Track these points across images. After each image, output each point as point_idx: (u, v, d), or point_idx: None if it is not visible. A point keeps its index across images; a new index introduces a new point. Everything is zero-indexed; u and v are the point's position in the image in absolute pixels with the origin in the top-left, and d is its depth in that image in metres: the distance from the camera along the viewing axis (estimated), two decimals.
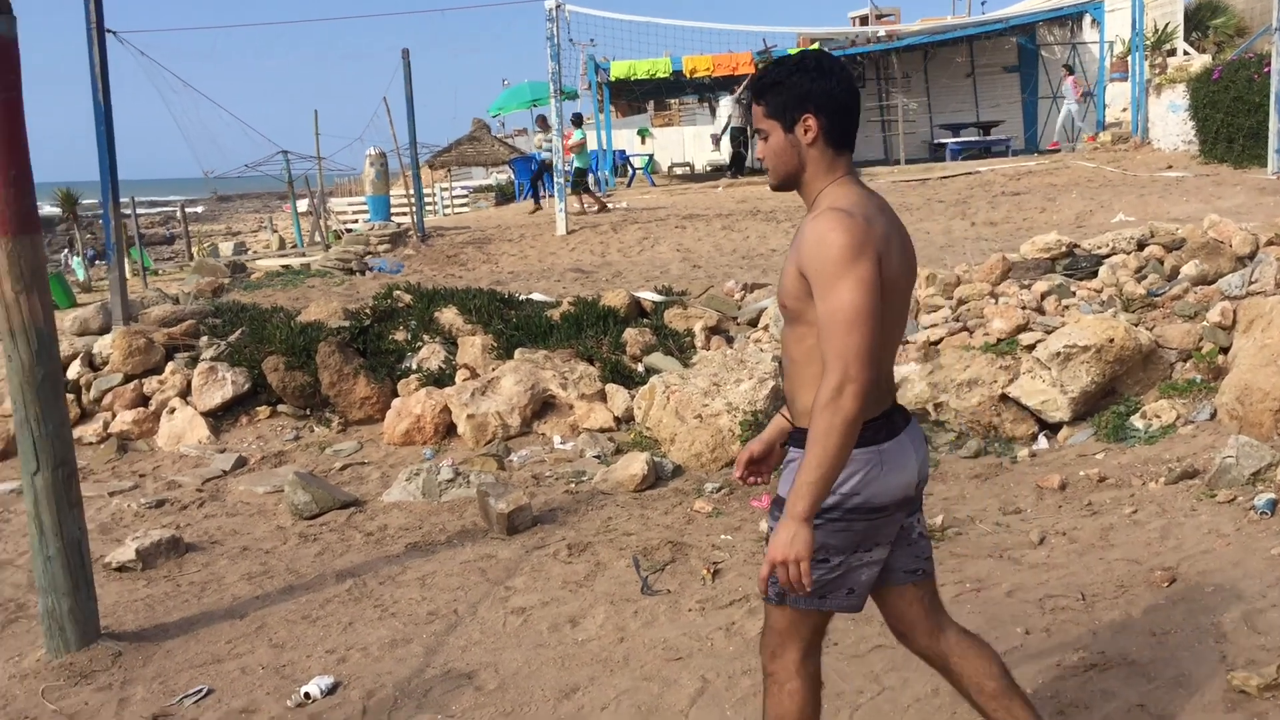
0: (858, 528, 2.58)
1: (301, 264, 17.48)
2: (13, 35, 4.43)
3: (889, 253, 2.49)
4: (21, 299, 4.51)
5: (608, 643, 4.46)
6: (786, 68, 2.60)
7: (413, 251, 15.97)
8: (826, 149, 2.58)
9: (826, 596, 2.63)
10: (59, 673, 4.55)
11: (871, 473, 2.55)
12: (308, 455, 7.85)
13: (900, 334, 2.72)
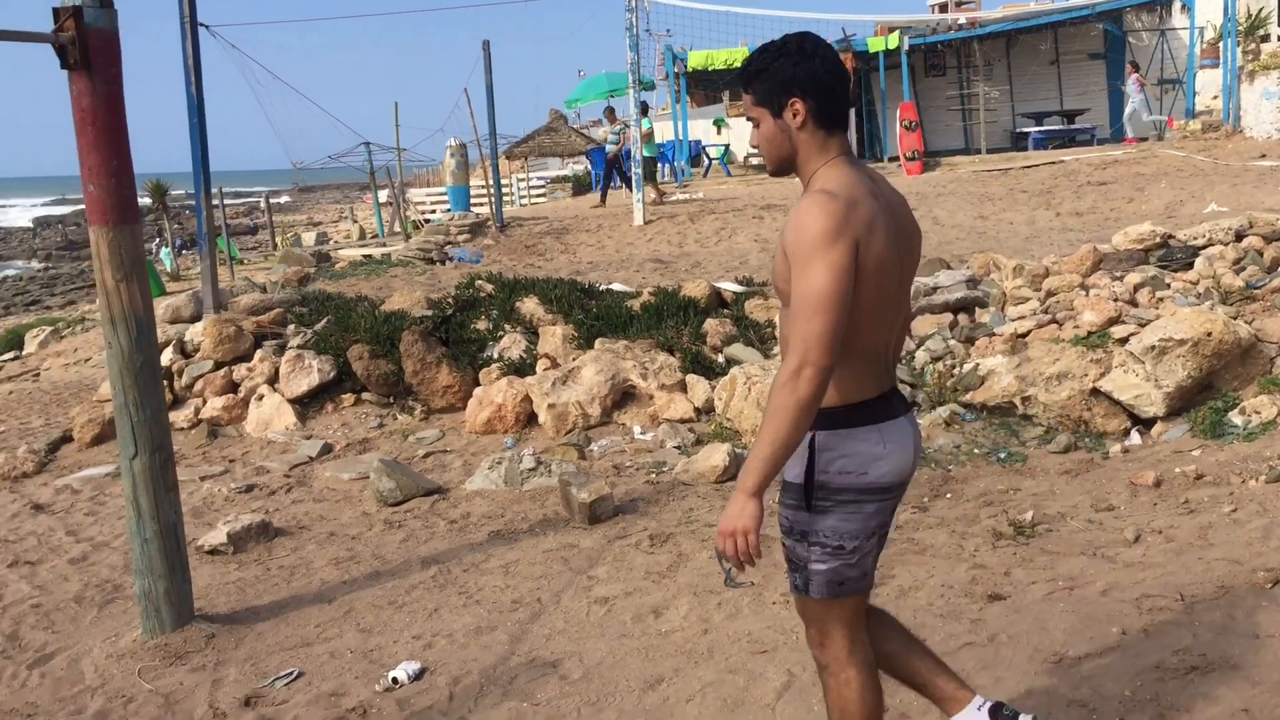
0: (869, 509, 2.59)
1: (382, 254, 17.70)
2: (114, 29, 4.53)
3: (872, 236, 2.46)
4: (122, 287, 4.61)
5: (692, 634, 4.44)
6: (770, 54, 2.59)
7: (492, 241, 16.10)
8: (817, 131, 2.58)
9: (845, 584, 2.63)
10: (155, 653, 4.66)
11: (876, 450, 2.56)
12: (391, 443, 7.95)
13: (896, 315, 2.66)
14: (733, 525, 2.46)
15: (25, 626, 5.09)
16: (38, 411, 11.22)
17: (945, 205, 15.56)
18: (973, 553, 4.95)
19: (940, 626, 4.18)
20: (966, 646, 4.00)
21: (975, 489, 5.86)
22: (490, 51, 16.49)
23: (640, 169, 16.65)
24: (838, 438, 2.55)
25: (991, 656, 3.85)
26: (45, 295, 37.70)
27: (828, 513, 2.54)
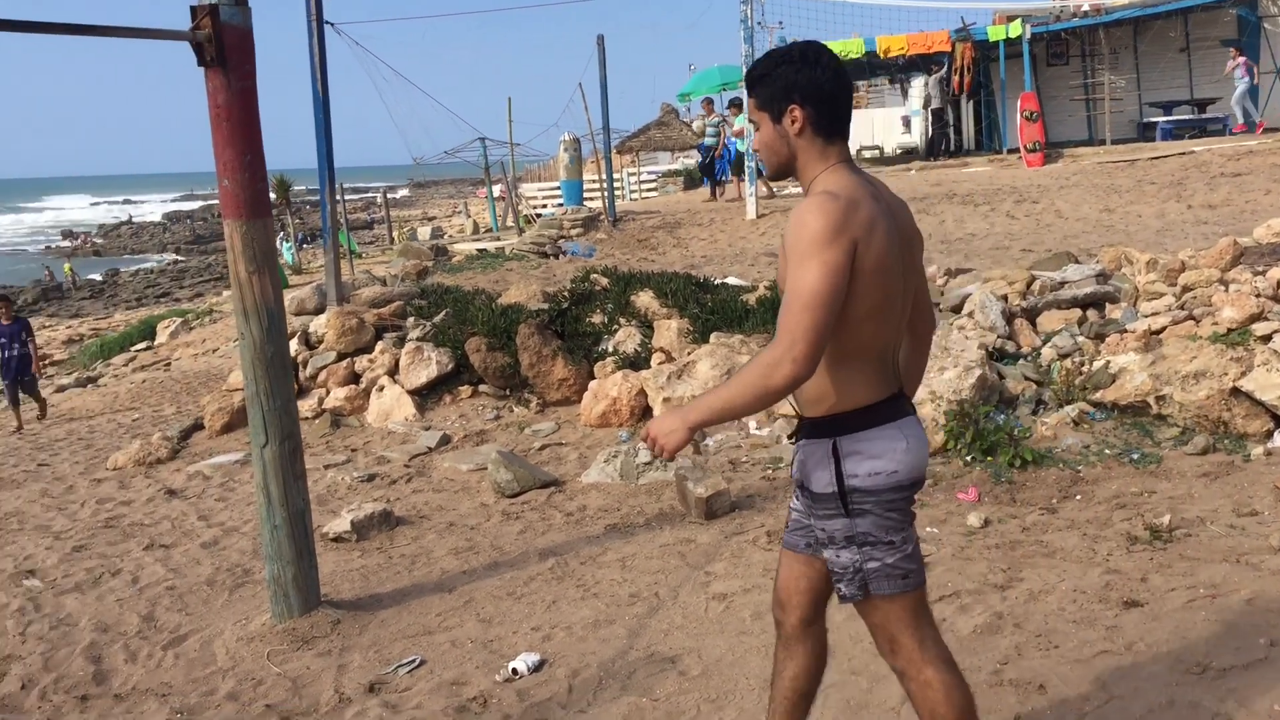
0: (901, 505, 2.61)
1: (496, 248, 17.93)
2: (248, 26, 4.63)
3: (872, 237, 2.48)
4: (254, 279, 4.72)
5: None
6: (774, 60, 2.62)
7: (604, 235, 16.15)
8: (816, 138, 2.60)
9: (909, 576, 2.63)
10: (282, 637, 4.77)
11: (900, 445, 2.58)
12: (507, 434, 8.02)
13: (901, 317, 2.67)
14: (658, 435, 2.58)
15: (160, 608, 5.26)
16: (169, 399, 11.65)
17: (1069, 198, 15.11)
18: (1106, 557, 4.78)
19: (1074, 633, 4.04)
20: (1102, 655, 3.86)
21: (1107, 491, 5.65)
22: (604, 46, 16.54)
23: (738, 162, 16.58)
24: (861, 441, 2.58)
25: (1129, 666, 3.70)
26: (174, 288, 39.22)
27: (866, 514, 2.57)
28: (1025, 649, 3.98)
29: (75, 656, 4.74)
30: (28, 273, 49.01)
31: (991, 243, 12.39)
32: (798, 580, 2.91)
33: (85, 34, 4.31)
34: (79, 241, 69.19)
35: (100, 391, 14.29)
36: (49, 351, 23.93)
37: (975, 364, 6.81)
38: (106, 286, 42.00)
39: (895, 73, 28.12)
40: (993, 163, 21.34)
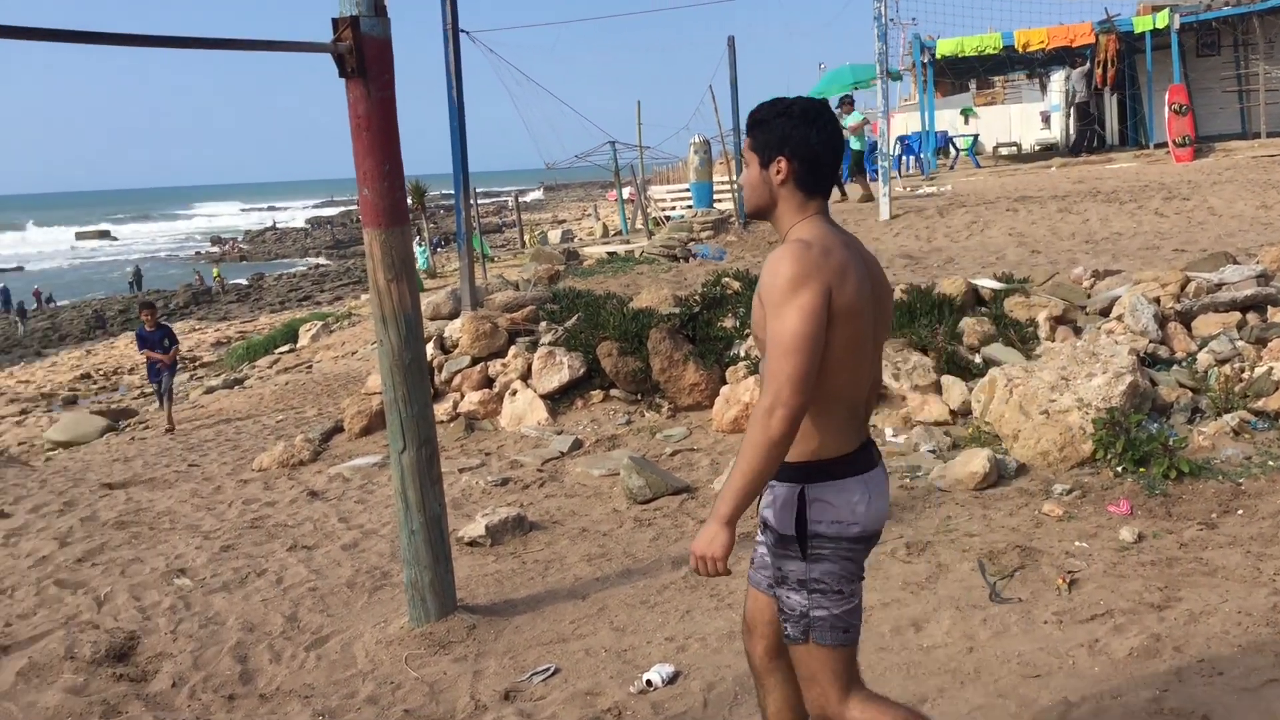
0: (857, 557, 2.69)
1: (626, 251, 17.99)
2: (387, 37, 4.69)
3: (844, 283, 2.55)
4: (392, 287, 4.78)
5: (955, 651, 4.22)
6: (775, 109, 2.71)
7: (734, 238, 16.05)
8: (797, 191, 2.68)
9: (849, 631, 2.71)
10: (420, 641, 4.82)
11: (860, 502, 2.65)
12: (639, 440, 8.00)
13: (868, 367, 2.72)
14: (704, 551, 2.59)
15: (303, 609, 5.37)
16: (311, 401, 11.98)
17: (1222, 194, 14.41)
18: (1273, 576, 4.50)
19: (1239, 659, 3.81)
20: (1271, 684, 3.63)
21: (1271, 505, 5.34)
22: (735, 47, 16.44)
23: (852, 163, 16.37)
24: (827, 489, 2.65)
25: None
26: (315, 291, 40.52)
27: (822, 560, 2.63)
28: (1186, 675, 3.77)
29: (223, 655, 4.88)
30: (179, 277, 51.28)
31: (1140, 242, 11.89)
32: (763, 611, 2.97)
33: (233, 48, 4.43)
34: (226, 247, 72.12)
35: (246, 393, 14.80)
36: (199, 354, 24.95)
37: (1126, 370, 6.52)
38: (252, 290, 43.65)
39: (1034, 67, 27.32)
40: (1139, 158, 20.52)
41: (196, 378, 20.46)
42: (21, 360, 30.76)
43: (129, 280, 50.17)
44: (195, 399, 16.39)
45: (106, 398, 20.22)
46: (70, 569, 6.26)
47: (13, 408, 20.58)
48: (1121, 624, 4.25)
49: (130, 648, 5.04)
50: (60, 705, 4.47)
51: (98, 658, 4.91)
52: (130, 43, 3.97)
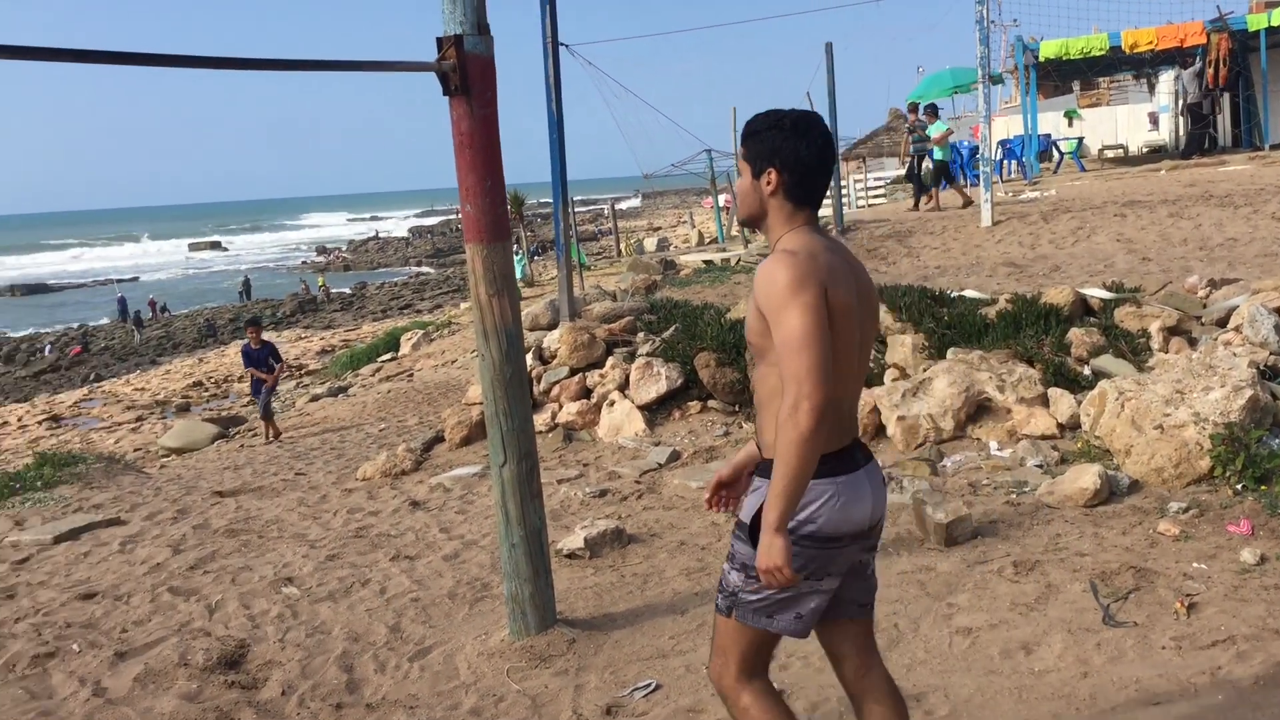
0: (810, 553, 2.70)
1: (722, 259, 17.92)
2: (490, 54, 4.74)
3: (836, 283, 2.64)
4: (494, 302, 4.82)
5: (1069, 676, 4.10)
6: (767, 121, 2.78)
7: None
8: (786, 202, 2.76)
9: (774, 617, 2.77)
10: (521, 654, 4.84)
11: (828, 503, 2.69)
12: (736, 451, 7.94)
13: (858, 369, 2.81)
14: (766, 563, 2.59)
15: (406, 619, 5.44)
16: (412, 410, 12.17)
17: None
18: None
19: None
20: None
21: None
22: (833, 54, 16.29)
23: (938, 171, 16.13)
24: None
25: None
26: (416, 299, 41.25)
27: None
28: None
29: (329, 665, 4.96)
30: (286, 286, 52.65)
31: (1258, 249, 11.45)
32: (845, 639, 3.00)
33: (343, 69, 4.51)
34: (331, 257, 73.81)
35: (350, 401, 15.10)
36: (305, 362, 25.55)
37: (1245, 383, 6.27)
38: (355, 299, 44.59)
39: (1141, 68, 26.58)
40: (1253, 160, 19.79)
41: (302, 385, 20.96)
42: (138, 368, 31.86)
43: (239, 290, 51.67)
44: (301, 407, 16.79)
45: (217, 405, 20.81)
46: (183, 576, 6.44)
47: (129, 414, 21.33)
48: (1245, 650, 4.09)
49: (241, 655, 5.16)
50: (175, 711, 4.59)
51: (210, 665, 5.03)
52: (249, 66, 4.07)
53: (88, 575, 6.65)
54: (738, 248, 20.20)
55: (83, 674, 5.09)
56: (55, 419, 21.92)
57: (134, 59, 3.58)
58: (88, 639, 5.51)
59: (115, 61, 3.49)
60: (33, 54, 3.27)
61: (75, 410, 23.21)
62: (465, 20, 4.64)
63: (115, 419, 21.13)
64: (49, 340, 39.93)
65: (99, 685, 4.95)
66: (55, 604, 6.11)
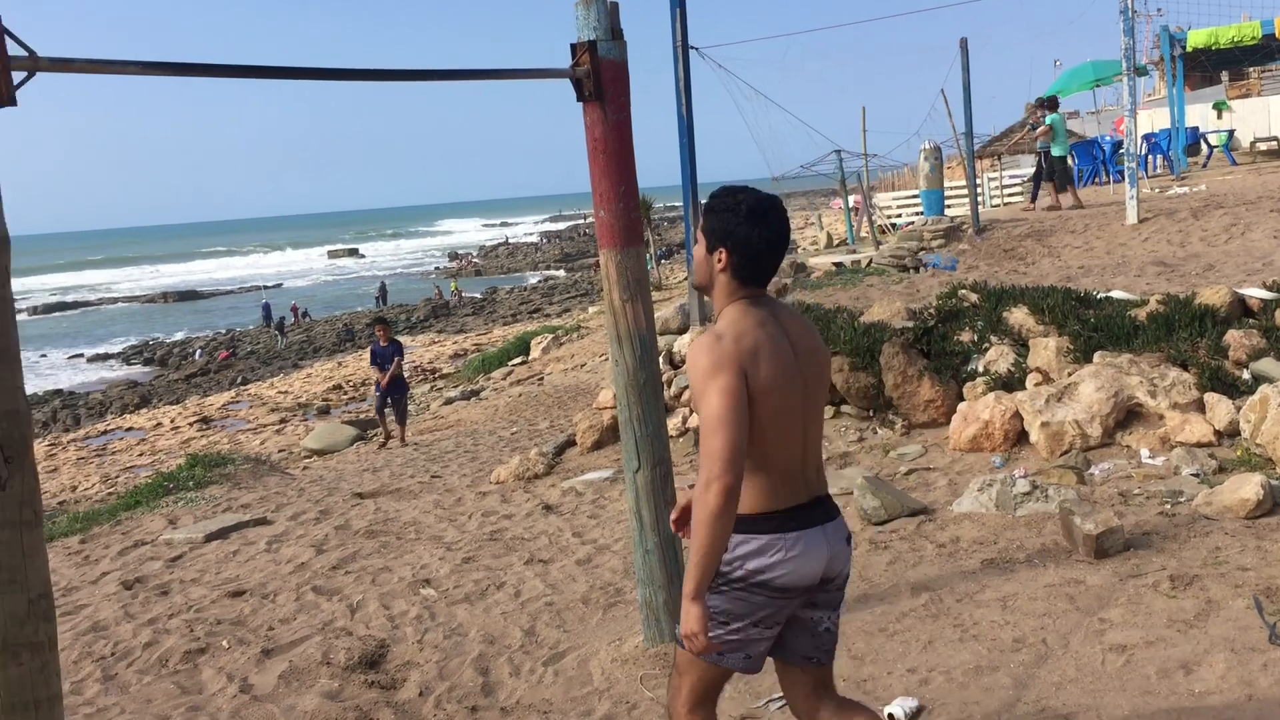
0: (757, 601, 2.88)
1: (852, 261, 17.66)
2: (624, 60, 4.73)
3: (757, 365, 2.78)
4: (627, 307, 4.80)
5: (1232, 699, 3.87)
6: (725, 201, 2.92)
7: (967, 246, 15.49)
8: (733, 280, 2.91)
9: (725, 655, 2.94)
10: (655, 661, 4.81)
11: (774, 556, 2.85)
12: (871, 457, 7.79)
13: (800, 433, 2.92)
14: (685, 630, 2.83)
15: (540, 623, 5.47)
16: (542, 414, 12.29)
17: None
18: None
19: None
20: None
21: None
22: (968, 49, 15.89)
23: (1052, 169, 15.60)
24: (745, 539, 2.86)
25: None
26: (545, 304, 41.77)
27: (720, 593, 2.87)
28: None
29: (465, 667, 5.01)
30: (421, 291, 53.92)
31: None
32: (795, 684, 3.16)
33: (479, 78, 4.55)
34: (462, 263, 75.30)
35: (482, 404, 15.34)
36: (438, 365, 26.09)
37: None
38: (486, 303, 45.38)
39: None
40: None
41: (436, 389, 21.40)
42: (281, 371, 32.99)
43: (375, 295, 53.09)
44: (435, 410, 17.13)
45: (355, 408, 21.38)
46: (326, 576, 6.61)
47: (273, 417, 22.09)
48: None
49: (381, 655, 5.26)
50: (317, 709, 4.70)
51: (351, 664, 5.14)
52: (391, 78, 4.14)
53: (236, 573, 6.87)
54: (869, 249, 19.86)
55: (231, 670, 5.26)
56: (205, 420, 22.85)
57: (280, 73, 3.67)
58: (236, 636, 5.69)
59: (258, 76, 3.58)
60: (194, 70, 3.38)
61: (223, 412, 24.15)
62: (599, 26, 4.64)
63: (260, 421, 21.91)
64: (199, 345, 41.68)
65: (246, 682, 5.11)
66: (206, 601, 6.34)
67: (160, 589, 6.71)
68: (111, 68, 3.21)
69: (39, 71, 3.04)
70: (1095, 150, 24.13)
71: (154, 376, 36.20)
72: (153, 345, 44.40)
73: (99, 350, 43.91)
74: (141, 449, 20.58)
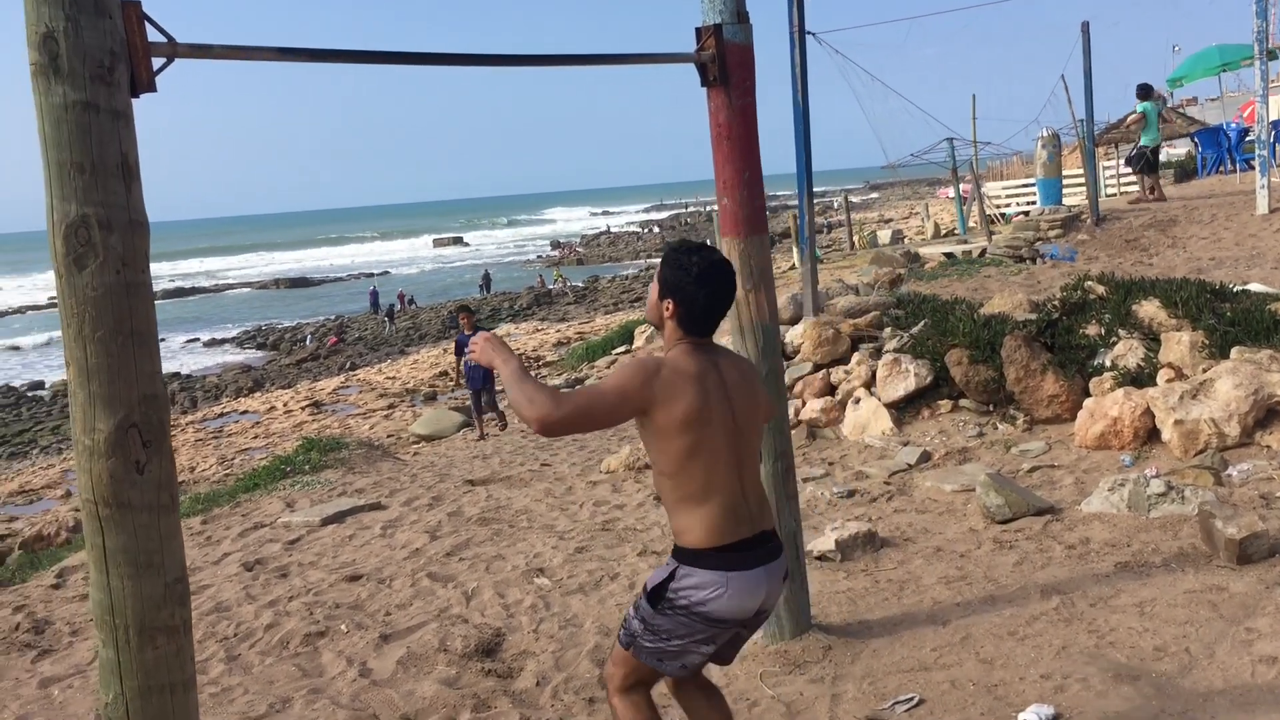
0: (697, 626, 3.15)
1: (963, 251, 17.24)
2: (749, 43, 4.62)
3: (672, 400, 3.07)
4: (751, 297, 4.70)
5: None
6: (681, 259, 3.21)
7: (1086, 236, 15.01)
8: (678, 327, 3.22)
9: (663, 662, 3.25)
10: (774, 659, 4.71)
11: (716, 593, 3.10)
12: (992, 453, 7.57)
13: (735, 470, 3.16)
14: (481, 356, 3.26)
15: None
16: None
17: None
18: None
19: None
20: None
21: None
22: (1089, 33, 15.38)
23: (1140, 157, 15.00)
24: (691, 572, 3.12)
25: None
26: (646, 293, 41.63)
27: (665, 615, 3.15)
28: None
29: (582, 658, 4.97)
30: (524, 280, 54.42)
31: None
32: None
33: (601, 63, 4.48)
34: (564, 251, 75.75)
35: None
36: (541, 354, 26.26)
37: None
38: (588, 292, 45.56)
39: None
40: None
41: (541, 377, 21.52)
42: (388, 357, 33.57)
43: (479, 284, 53.71)
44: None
45: (462, 394, 21.60)
46: (440, 562, 6.64)
47: (381, 402, 22.45)
48: None
49: (497, 644, 5.25)
50: (435, 696, 4.70)
51: (468, 651, 5.14)
52: (515, 63, 4.09)
53: (353, 557, 6.95)
54: (980, 239, 19.38)
55: (350, 654, 5.30)
56: (316, 405, 23.32)
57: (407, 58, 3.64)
58: (355, 620, 5.74)
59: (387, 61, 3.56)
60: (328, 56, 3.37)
61: (334, 397, 24.63)
62: (725, 8, 4.54)
63: (369, 406, 22.29)
64: (309, 330, 42.64)
65: (365, 666, 5.14)
66: (324, 584, 6.41)
67: (279, 571, 6.81)
68: (248, 54, 3.21)
69: (177, 58, 3.05)
70: (1220, 138, 23.21)
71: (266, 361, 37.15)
72: (265, 330, 45.58)
73: (214, 335, 45.22)
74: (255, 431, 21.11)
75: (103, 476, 2.83)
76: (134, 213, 2.86)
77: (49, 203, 2.80)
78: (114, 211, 2.81)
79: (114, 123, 2.81)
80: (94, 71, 2.77)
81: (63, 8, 2.74)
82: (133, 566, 2.88)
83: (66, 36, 2.74)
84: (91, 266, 2.79)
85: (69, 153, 2.77)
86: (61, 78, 2.75)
